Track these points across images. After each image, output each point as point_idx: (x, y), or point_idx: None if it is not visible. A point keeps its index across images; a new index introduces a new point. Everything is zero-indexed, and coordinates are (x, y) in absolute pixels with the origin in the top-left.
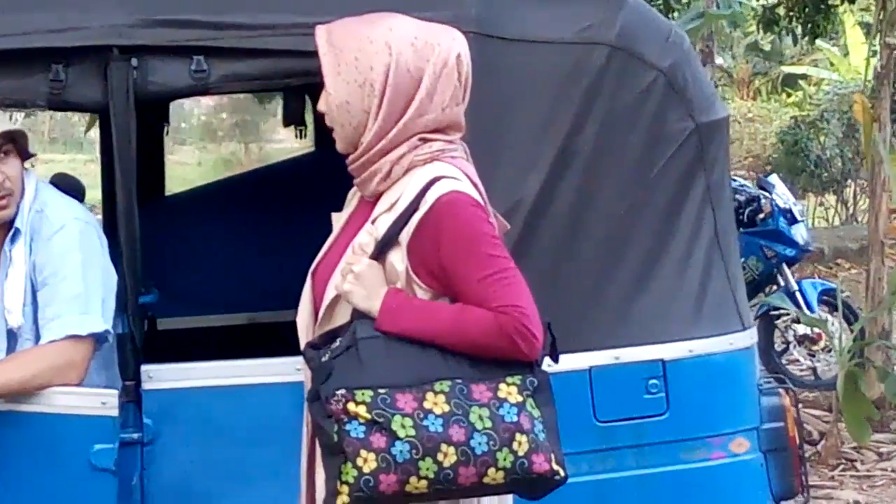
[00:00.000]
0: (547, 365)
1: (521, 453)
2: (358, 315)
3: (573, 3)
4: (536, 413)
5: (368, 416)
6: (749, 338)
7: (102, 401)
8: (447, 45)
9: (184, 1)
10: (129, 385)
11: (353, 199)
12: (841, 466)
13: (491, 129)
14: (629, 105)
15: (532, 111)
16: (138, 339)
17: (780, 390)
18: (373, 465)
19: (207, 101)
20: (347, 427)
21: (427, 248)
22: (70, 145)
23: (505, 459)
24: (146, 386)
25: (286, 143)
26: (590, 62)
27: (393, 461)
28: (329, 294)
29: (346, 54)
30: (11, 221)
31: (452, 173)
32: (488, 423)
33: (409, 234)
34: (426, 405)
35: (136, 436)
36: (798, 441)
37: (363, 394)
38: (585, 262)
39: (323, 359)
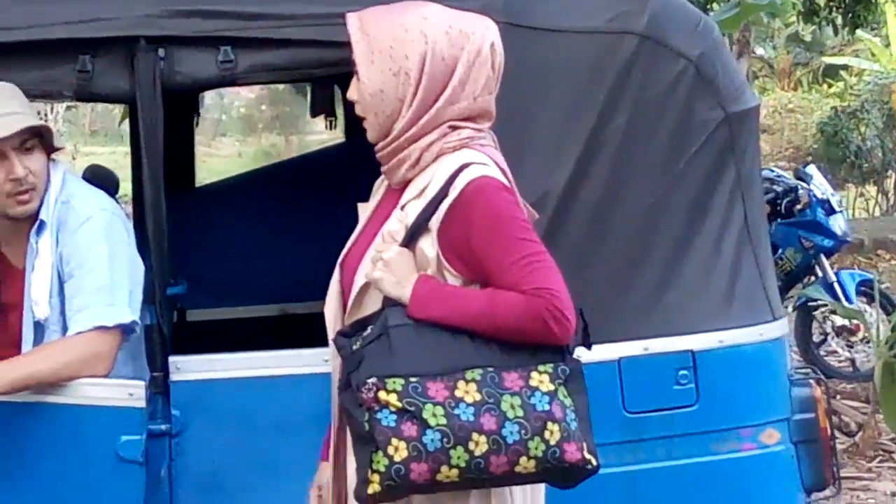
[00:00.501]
0: (577, 355)
1: (552, 442)
2: (389, 303)
3: None
4: (568, 402)
5: (400, 404)
6: (779, 328)
7: (130, 392)
8: (481, 34)
9: None
10: (158, 376)
11: (379, 189)
12: (878, 458)
13: (519, 119)
14: (658, 95)
15: (560, 101)
16: (166, 330)
17: (812, 381)
18: (404, 453)
19: (247, 94)
20: (378, 415)
21: (457, 233)
22: (111, 137)
23: (537, 448)
24: (174, 377)
25: (325, 135)
26: (619, 52)
27: (424, 450)
28: (358, 282)
29: (380, 42)
30: (37, 213)
31: (481, 160)
32: (520, 412)
33: (438, 220)
34: (457, 394)
35: (164, 427)
36: (829, 432)
37: (394, 382)
38: (614, 252)
39: (354, 347)
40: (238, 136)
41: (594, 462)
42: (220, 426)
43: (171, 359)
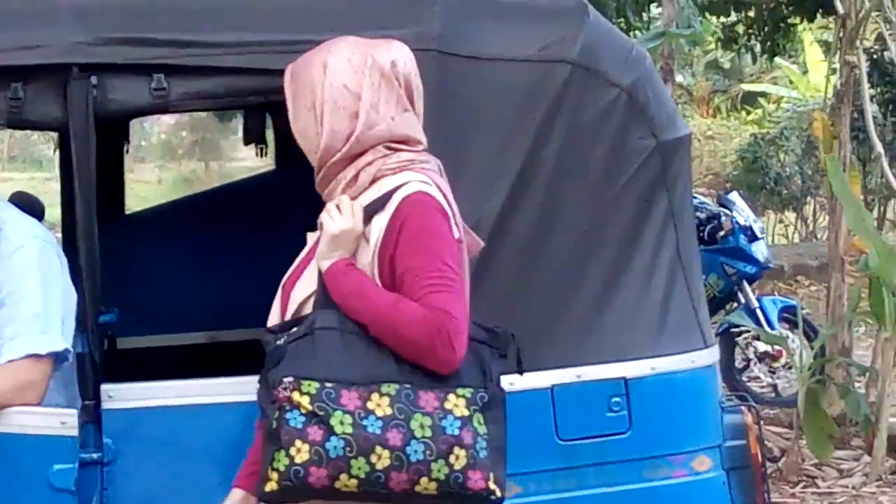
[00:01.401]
0: (509, 384)
1: (457, 467)
2: (322, 305)
3: (535, 21)
4: (483, 429)
5: (310, 407)
6: (711, 356)
7: (62, 420)
8: (383, 55)
9: (143, 19)
10: (89, 405)
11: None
12: (802, 483)
13: (453, 146)
14: (591, 122)
15: (494, 129)
16: (98, 358)
17: (743, 408)
18: (305, 456)
19: (167, 119)
20: (288, 415)
21: (390, 245)
22: (29, 163)
23: (439, 471)
24: (106, 405)
25: (247, 162)
26: (551, 80)
27: (325, 455)
28: (296, 300)
29: (297, 83)
30: None
31: (422, 179)
32: (428, 433)
33: (380, 234)
34: (369, 405)
35: (95, 455)
36: (760, 459)
37: (309, 385)
38: (548, 279)
39: (278, 342)
40: (158, 161)
41: (498, 493)
42: (152, 454)
43: (104, 387)
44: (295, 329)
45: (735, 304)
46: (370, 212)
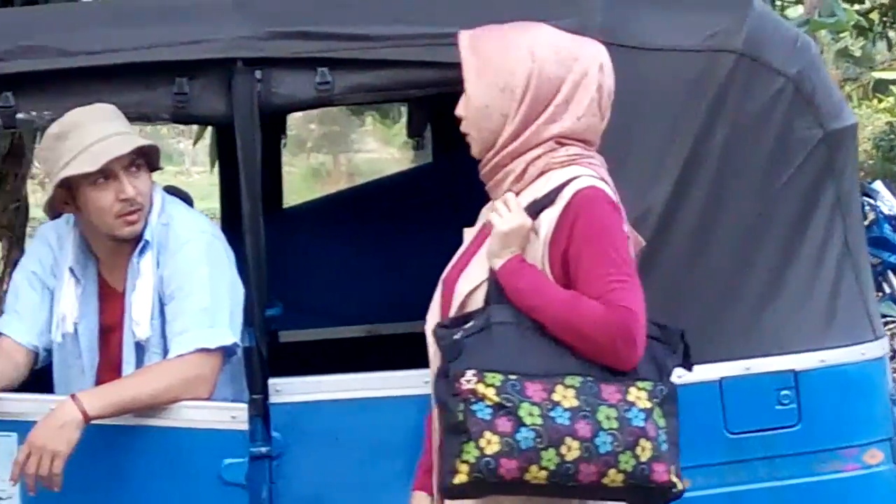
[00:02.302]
0: (678, 376)
1: (643, 459)
2: (494, 301)
3: (699, 10)
4: (662, 422)
5: (497, 398)
6: (881, 348)
7: (232, 415)
8: (590, 56)
9: (308, 13)
10: (257, 398)
11: (485, 213)
12: None
13: (618, 138)
14: (756, 113)
15: (658, 120)
16: (265, 353)
17: None
18: (496, 447)
19: (295, 113)
20: (474, 407)
21: (562, 239)
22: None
23: (627, 462)
24: (274, 399)
25: (375, 154)
26: (716, 70)
27: (516, 446)
28: (463, 289)
29: (488, 59)
30: (140, 234)
31: (590, 174)
32: (615, 424)
33: (550, 228)
34: (555, 397)
35: (264, 449)
36: None
37: (493, 377)
38: (714, 271)
39: (455, 337)
40: (286, 155)
41: (679, 486)
42: (319, 448)
43: (271, 381)
44: (471, 324)
45: (880, 294)
46: (539, 206)
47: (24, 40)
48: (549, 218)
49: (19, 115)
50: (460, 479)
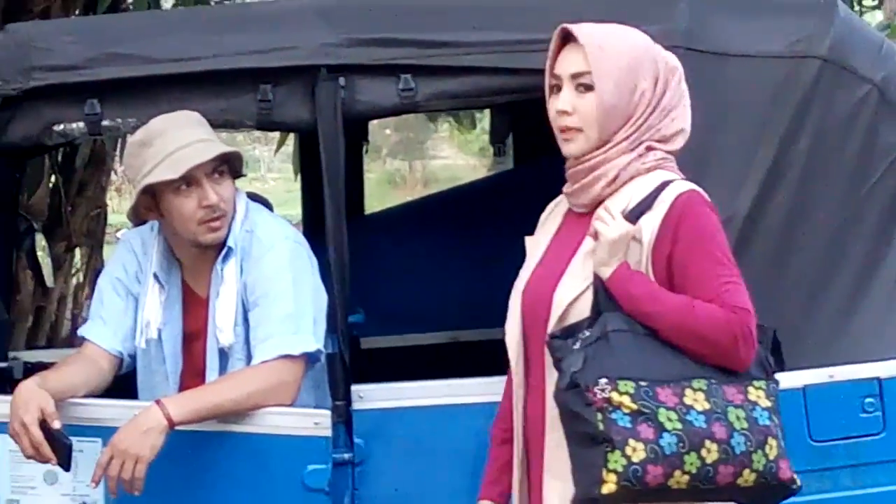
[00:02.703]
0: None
1: (771, 457)
2: (604, 309)
3: (783, 16)
4: (777, 420)
5: (634, 405)
6: None
7: (315, 421)
8: (676, 62)
9: (391, 20)
10: (340, 405)
11: (549, 220)
12: None
13: (701, 144)
14: (841, 119)
15: (741, 126)
16: (348, 359)
17: None
18: (641, 454)
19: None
20: (613, 415)
21: (665, 243)
22: None
23: (759, 462)
24: (357, 406)
25: (450, 160)
26: (801, 76)
27: (661, 452)
28: (564, 298)
29: (620, 59)
30: (224, 240)
31: (681, 177)
32: (745, 424)
33: (653, 233)
34: (686, 401)
35: (347, 456)
36: None
37: (626, 384)
38: (799, 278)
39: (574, 347)
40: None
41: (799, 482)
42: (401, 455)
43: (354, 387)
44: (587, 333)
45: None
46: (637, 212)
47: (110, 48)
48: (650, 223)
49: (105, 123)
50: (609, 488)
